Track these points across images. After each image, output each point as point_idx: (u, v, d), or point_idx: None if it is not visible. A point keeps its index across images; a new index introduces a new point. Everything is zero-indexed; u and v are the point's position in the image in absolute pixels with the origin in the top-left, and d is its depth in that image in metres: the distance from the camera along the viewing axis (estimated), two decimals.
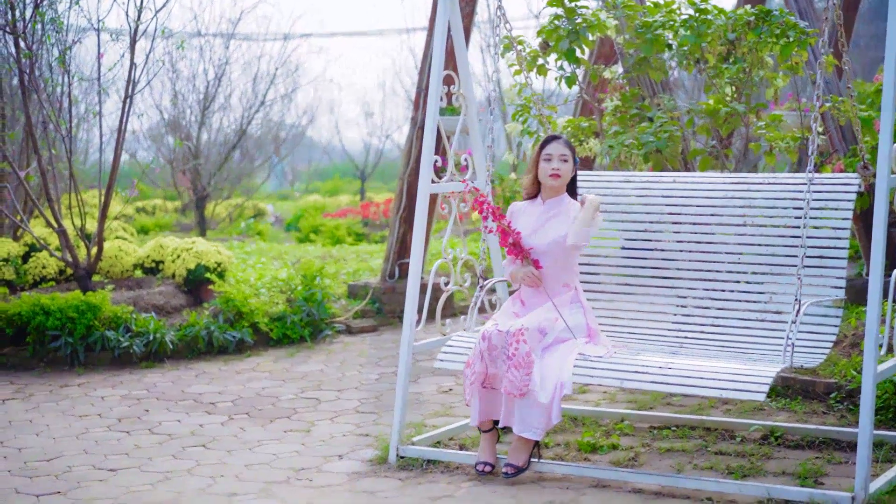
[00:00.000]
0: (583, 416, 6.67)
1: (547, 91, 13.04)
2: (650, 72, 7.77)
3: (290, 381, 8.08)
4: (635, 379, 5.33)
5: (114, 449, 6.37)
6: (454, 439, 6.31)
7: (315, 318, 9.51)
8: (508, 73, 8.20)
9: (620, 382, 5.35)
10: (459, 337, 5.96)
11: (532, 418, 5.46)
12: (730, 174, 6.14)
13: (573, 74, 7.32)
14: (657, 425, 6.45)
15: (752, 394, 5.06)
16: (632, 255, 6.22)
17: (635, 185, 6.33)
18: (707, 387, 5.17)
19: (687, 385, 5.21)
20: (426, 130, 6.16)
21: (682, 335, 5.97)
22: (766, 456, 5.81)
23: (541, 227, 5.84)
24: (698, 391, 5.18)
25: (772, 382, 5.07)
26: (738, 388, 5.09)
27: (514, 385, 5.43)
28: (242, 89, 17.02)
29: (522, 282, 5.84)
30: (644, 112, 7.64)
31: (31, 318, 8.60)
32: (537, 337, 5.55)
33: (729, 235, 5.98)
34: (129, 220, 18.26)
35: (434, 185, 6.18)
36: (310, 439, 6.51)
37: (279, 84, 17.77)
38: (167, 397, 7.63)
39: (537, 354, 5.51)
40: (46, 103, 9.42)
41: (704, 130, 7.79)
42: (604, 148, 7.39)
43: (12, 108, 10.27)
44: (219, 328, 9.03)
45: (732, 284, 5.92)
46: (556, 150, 5.81)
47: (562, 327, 5.66)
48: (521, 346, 5.45)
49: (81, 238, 9.70)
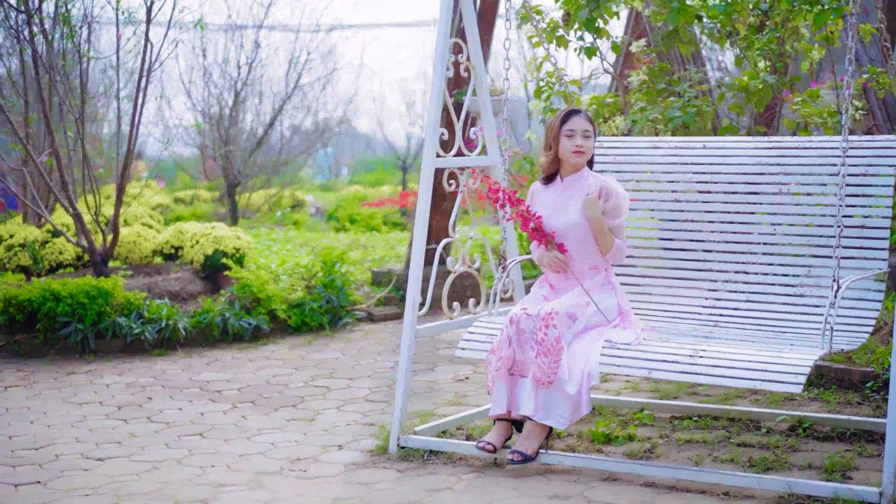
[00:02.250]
0: (600, 406, 6.29)
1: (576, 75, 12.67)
2: (680, 45, 7.37)
3: (302, 369, 7.77)
4: (664, 368, 4.94)
5: (107, 437, 6.10)
6: (462, 429, 5.97)
7: (335, 304, 9.20)
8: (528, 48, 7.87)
9: (648, 372, 4.98)
10: (482, 322, 5.60)
11: (557, 406, 5.10)
12: (763, 138, 5.72)
13: (593, 46, 6.94)
14: (679, 415, 6.06)
15: (787, 385, 4.64)
16: (661, 226, 5.84)
17: (663, 151, 5.93)
18: (739, 377, 4.76)
19: (718, 375, 4.81)
20: (431, 102, 5.81)
21: (716, 313, 5.57)
22: (793, 448, 5.41)
23: (562, 208, 5.48)
24: (730, 382, 4.78)
25: (809, 372, 4.66)
26: (773, 380, 4.68)
27: (542, 371, 5.08)
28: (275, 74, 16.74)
29: (549, 267, 5.50)
30: (672, 87, 7.24)
31: (41, 305, 8.36)
32: (567, 322, 5.20)
33: (763, 205, 5.57)
34: (166, 210, 18.09)
35: (440, 160, 5.83)
36: (312, 428, 6.20)
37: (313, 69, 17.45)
38: (173, 385, 7.35)
39: (567, 341, 5.16)
40: (60, 85, 9.17)
41: (737, 108, 7.38)
42: (627, 123, 7.01)
43: (37, 91, 10.01)
44: (234, 315, 8.74)
45: (768, 258, 5.52)
46: (580, 126, 5.45)
47: (592, 311, 5.31)
48: (550, 331, 5.10)
49: (96, 222, 9.45)
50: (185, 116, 16.23)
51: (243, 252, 9.63)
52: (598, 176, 5.49)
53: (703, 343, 5.07)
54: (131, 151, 9.29)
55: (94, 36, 10.55)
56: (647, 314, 5.67)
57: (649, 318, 5.63)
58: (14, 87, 10.01)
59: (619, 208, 5.41)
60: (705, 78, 7.46)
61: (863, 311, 5.15)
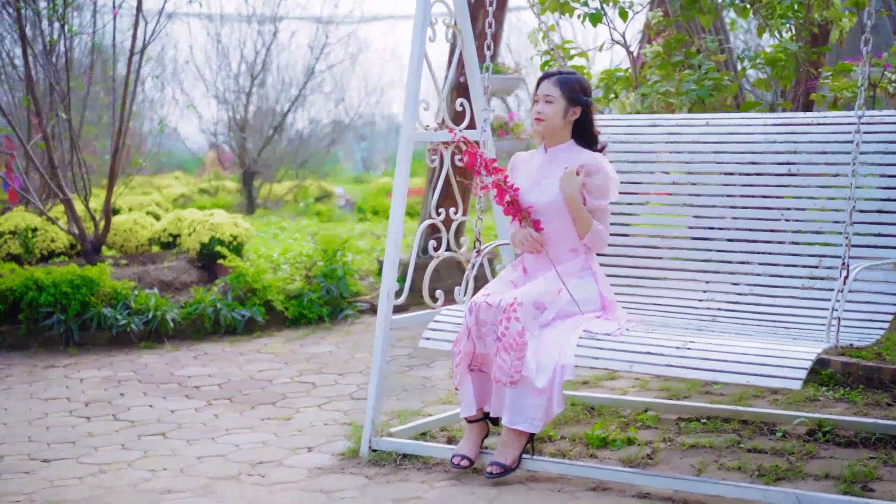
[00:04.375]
0: (601, 405, 5.72)
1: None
2: (699, 15, 6.79)
3: (292, 364, 7.25)
4: (647, 361, 4.37)
5: (63, 437, 5.61)
6: (446, 430, 5.42)
7: (335, 295, 8.67)
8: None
9: (629, 366, 4.40)
10: (449, 311, 5.06)
11: (527, 407, 4.53)
12: (772, 114, 5.13)
13: (598, 13, 6.36)
14: (686, 416, 5.48)
15: (785, 381, 4.07)
16: (657, 211, 5.26)
17: (662, 129, 5.35)
18: (731, 371, 4.18)
19: (707, 369, 4.23)
20: (410, 69, 5.25)
21: (713, 307, 4.99)
22: (810, 455, 4.80)
23: (541, 181, 4.91)
24: (720, 377, 4.20)
25: (810, 366, 4.07)
26: (769, 374, 4.10)
27: (503, 371, 4.51)
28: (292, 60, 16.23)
29: (521, 247, 4.92)
30: (689, 59, 6.64)
31: (23, 294, 7.90)
32: (532, 312, 4.61)
33: (771, 188, 4.98)
34: (188, 200, 17.67)
35: (420, 134, 5.27)
36: (286, 428, 5.67)
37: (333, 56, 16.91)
38: (151, 380, 6.86)
39: (533, 334, 4.57)
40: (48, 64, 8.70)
41: (762, 84, 6.77)
42: (637, 97, 6.43)
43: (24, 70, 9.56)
44: (227, 306, 8.24)
45: (774, 246, 4.92)
46: (542, 91, 4.88)
47: (565, 300, 4.72)
48: (512, 325, 4.52)
49: (87, 209, 9.00)
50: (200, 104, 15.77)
51: (241, 240, 9.13)
52: (587, 151, 4.89)
53: (693, 335, 4.48)
54: (122, 133, 8.80)
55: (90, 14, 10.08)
56: (636, 307, 5.10)
57: (639, 311, 5.05)
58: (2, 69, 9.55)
59: (605, 188, 4.81)
60: (723, 48, 6.84)
61: (879, 305, 4.53)
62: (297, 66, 16.33)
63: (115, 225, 9.76)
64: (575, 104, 4.85)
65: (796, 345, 4.24)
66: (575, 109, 4.86)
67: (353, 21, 17.16)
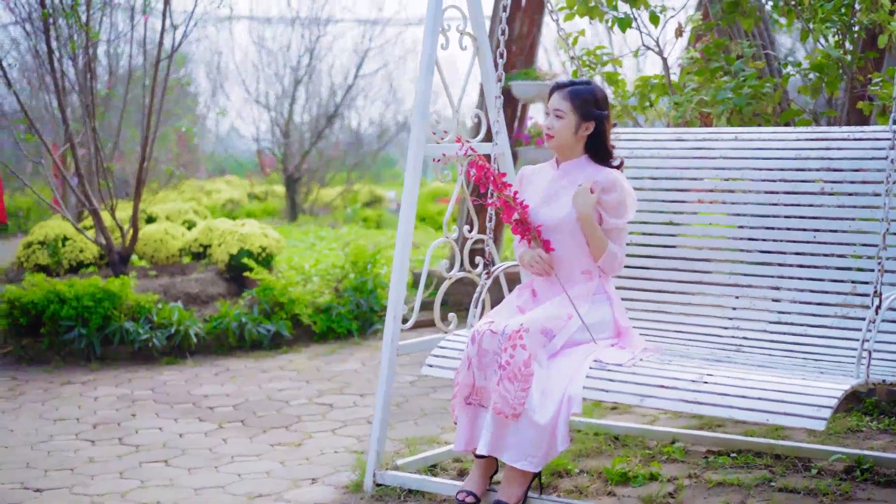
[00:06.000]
0: (626, 436, 5.38)
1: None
2: (741, 19, 6.41)
3: (314, 382, 6.98)
4: (659, 395, 4.03)
5: (62, 462, 5.38)
6: (459, 460, 5.11)
7: (364, 309, 8.39)
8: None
9: (640, 400, 4.06)
10: (456, 336, 4.75)
11: (527, 444, 4.18)
12: (805, 129, 4.76)
13: (627, 17, 6.01)
14: (716, 449, 5.12)
15: (807, 420, 3.72)
16: (680, 231, 4.92)
17: (688, 144, 5.01)
18: (749, 408, 3.84)
19: (724, 406, 3.89)
20: (421, 77, 4.95)
21: (739, 335, 4.64)
22: (845, 496, 4.43)
23: (552, 198, 4.57)
24: (739, 414, 3.85)
25: (836, 405, 3.71)
26: (790, 412, 3.76)
27: (505, 402, 4.16)
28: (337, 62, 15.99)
29: (529, 268, 4.58)
30: (728, 65, 6.27)
31: (45, 307, 7.72)
32: (540, 340, 4.27)
33: (803, 207, 4.62)
34: (236, 206, 17.54)
35: (430, 147, 4.97)
36: (294, 455, 5.40)
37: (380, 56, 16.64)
38: (166, 399, 6.63)
39: (540, 363, 4.24)
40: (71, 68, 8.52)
41: (807, 90, 6.37)
42: (669, 107, 6.07)
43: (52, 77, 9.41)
44: (252, 321, 8.00)
45: (805, 270, 4.56)
46: (553, 104, 4.54)
47: (576, 327, 4.38)
48: (518, 353, 4.18)
49: (113, 219, 8.80)
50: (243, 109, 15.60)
51: (271, 251, 8.89)
52: (604, 167, 4.55)
53: (711, 367, 4.13)
54: (148, 142, 8.59)
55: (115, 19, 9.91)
56: (656, 334, 4.76)
57: (658, 339, 4.71)
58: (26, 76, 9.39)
59: (622, 206, 4.46)
60: (766, 53, 6.45)
61: None
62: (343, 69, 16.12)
63: (145, 235, 9.57)
64: (587, 119, 4.51)
65: (822, 380, 3.89)
66: (588, 124, 4.52)
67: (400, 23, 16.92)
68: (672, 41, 6.34)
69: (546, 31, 10.31)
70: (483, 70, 5.21)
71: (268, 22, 15.71)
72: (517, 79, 8.61)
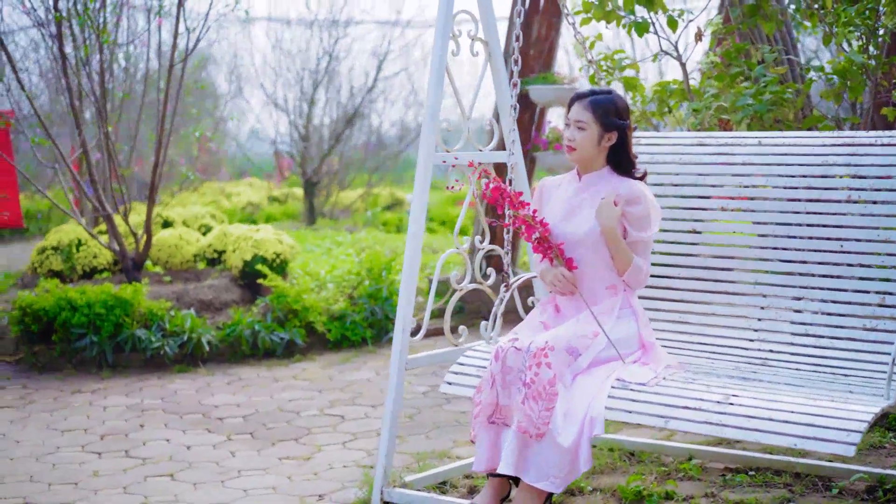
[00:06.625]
0: (642, 452, 5.24)
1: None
2: (762, 23, 6.26)
3: (326, 392, 6.87)
4: (683, 417, 3.90)
5: (66, 476, 5.28)
6: (470, 477, 4.98)
7: (379, 317, 8.28)
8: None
9: (664, 422, 3.92)
10: (475, 352, 4.61)
11: (549, 465, 4.04)
12: (830, 133, 4.60)
13: (645, 22, 5.87)
14: (733, 466, 4.97)
15: (836, 445, 3.58)
16: (703, 240, 4.77)
17: (710, 149, 4.85)
18: (775, 432, 3.70)
19: (750, 429, 3.75)
20: (429, 84, 4.83)
21: (764, 349, 4.49)
22: None
23: (574, 212, 4.42)
24: (765, 438, 3.72)
25: (865, 429, 3.57)
26: (818, 437, 3.62)
27: (530, 421, 4.03)
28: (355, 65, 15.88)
29: (552, 287, 4.45)
30: (749, 70, 6.12)
31: (56, 314, 7.64)
32: (566, 359, 4.13)
33: (829, 215, 4.46)
34: (256, 208, 17.46)
35: (438, 155, 4.84)
36: (302, 470, 5.29)
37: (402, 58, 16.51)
38: (176, 409, 6.53)
39: (565, 383, 4.11)
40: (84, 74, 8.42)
41: (830, 95, 6.21)
42: (688, 113, 5.92)
43: (65, 83, 9.34)
44: (265, 328, 7.89)
45: (832, 281, 4.41)
46: (574, 115, 4.39)
47: (602, 345, 4.24)
48: (543, 372, 4.05)
49: (126, 224, 8.72)
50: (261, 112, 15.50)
51: (285, 258, 8.78)
52: (627, 179, 4.42)
53: (737, 386, 3.99)
54: (162, 145, 8.50)
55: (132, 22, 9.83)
56: (680, 348, 4.61)
57: (682, 352, 4.57)
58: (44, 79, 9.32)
59: (647, 219, 4.32)
60: (789, 58, 6.30)
61: None
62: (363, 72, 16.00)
63: (160, 241, 9.49)
64: (610, 129, 4.37)
65: (852, 401, 3.74)
66: (610, 135, 4.38)
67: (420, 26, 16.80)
68: (692, 45, 6.19)
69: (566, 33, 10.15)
70: (495, 76, 5.08)
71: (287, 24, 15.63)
72: (535, 83, 8.47)
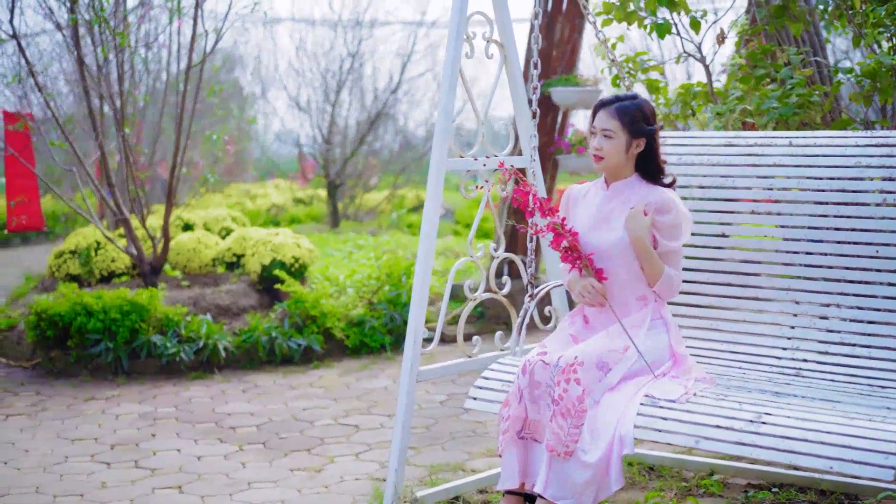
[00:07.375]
0: (662, 466, 5.08)
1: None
2: (789, 24, 6.09)
3: (342, 400, 6.75)
4: (714, 437, 3.73)
5: (72, 488, 5.18)
6: (485, 492, 4.84)
7: (398, 323, 8.14)
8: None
9: (695, 441, 3.76)
10: (500, 366, 4.45)
11: (573, 484, 3.88)
12: (865, 133, 4.42)
13: (666, 23, 5.71)
14: (756, 482, 4.81)
15: (873, 468, 3.41)
16: (734, 244, 4.60)
17: (739, 149, 4.68)
18: (811, 454, 3.53)
19: (784, 450, 3.58)
20: (443, 90, 4.69)
21: (798, 358, 4.33)
22: None
23: (602, 221, 4.27)
24: (798, 459, 3.55)
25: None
26: (854, 459, 3.46)
27: (558, 440, 3.88)
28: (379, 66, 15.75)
29: (581, 298, 4.29)
30: (775, 72, 5.95)
31: (72, 320, 7.56)
32: (596, 375, 3.97)
33: (863, 219, 4.29)
34: (281, 210, 17.38)
35: (453, 161, 4.71)
36: (313, 483, 5.16)
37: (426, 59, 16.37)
38: (189, 418, 6.42)
39: (595, 398, 3.96)
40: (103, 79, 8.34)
41: (860, 98, 6.03)
42: (711, 116, 5.76)
43: (82, 86, 9.26)
44: (283, 334, 7.78)
45: (868, 287, 4.24)
46: (600, 123, 4.24)
47: (633, 359, 4.08)
48: (571, 388, 3.90)
49: (143, 228, 8.63)
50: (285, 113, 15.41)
51: (304, 262, 8.67)
52: (656, 187, 4.26)
53: (770, 403, 3.83)
54: (179, 148, 8.40)
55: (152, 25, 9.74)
56: (710, 358, 4.46)
57: (713, 362, 4.41)
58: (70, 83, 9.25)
59: (678, 227, 4.16)
60: (817, 59, 6.12)
61: None
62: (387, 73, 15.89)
63: (178, 244, 9.40)
64: (638, 136, 4.21)
65: (889, 421, 3.57)
66: (638, 142, 4.22)
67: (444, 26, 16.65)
68: (716, 47, 6.03)
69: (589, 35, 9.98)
70: (511, 79, 4.93)
71: (311, 25, 15.53)
72: (557, 85, 8.32)
